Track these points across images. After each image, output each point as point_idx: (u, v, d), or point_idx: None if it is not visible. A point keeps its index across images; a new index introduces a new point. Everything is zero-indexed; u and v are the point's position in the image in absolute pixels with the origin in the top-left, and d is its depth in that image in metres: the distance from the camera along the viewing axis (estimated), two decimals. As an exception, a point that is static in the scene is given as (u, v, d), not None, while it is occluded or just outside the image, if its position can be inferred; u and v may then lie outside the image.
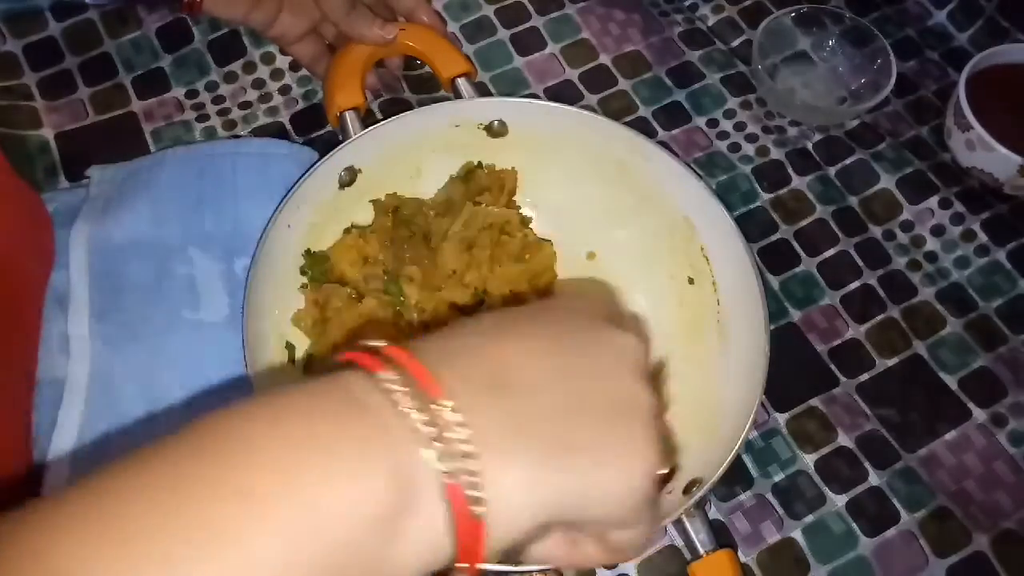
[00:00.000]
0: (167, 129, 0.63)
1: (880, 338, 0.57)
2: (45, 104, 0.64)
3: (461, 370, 0.29)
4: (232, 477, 0.25)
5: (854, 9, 0.69)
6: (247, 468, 0.25)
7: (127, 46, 0.66)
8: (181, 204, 0.56)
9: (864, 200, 0.62)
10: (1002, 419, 0.55)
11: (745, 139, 0.65)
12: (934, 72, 0.69)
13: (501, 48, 0.68)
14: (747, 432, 0.47)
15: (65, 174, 0.61)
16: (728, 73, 0.67)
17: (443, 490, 0.26)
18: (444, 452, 0.27)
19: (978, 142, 0.60)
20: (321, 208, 0.55)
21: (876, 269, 0.60)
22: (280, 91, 0.65)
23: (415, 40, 0.62)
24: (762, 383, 0.48)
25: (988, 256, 0.60)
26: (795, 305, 0.58)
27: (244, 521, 0.24)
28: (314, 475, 0.25)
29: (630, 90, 0.66)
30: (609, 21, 0.69)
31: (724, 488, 0.52)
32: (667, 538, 0.51)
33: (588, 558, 0.34)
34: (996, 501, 0.52)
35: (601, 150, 0.57)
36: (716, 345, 0.54)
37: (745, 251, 0.52)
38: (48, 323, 0.52)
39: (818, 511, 0.52)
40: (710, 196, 0.54)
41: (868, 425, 0.54)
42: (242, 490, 0.24)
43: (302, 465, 0.25)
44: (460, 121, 0.57)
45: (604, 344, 0.33)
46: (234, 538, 0.24)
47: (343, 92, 0.60)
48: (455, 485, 0.26)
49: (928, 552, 0.50)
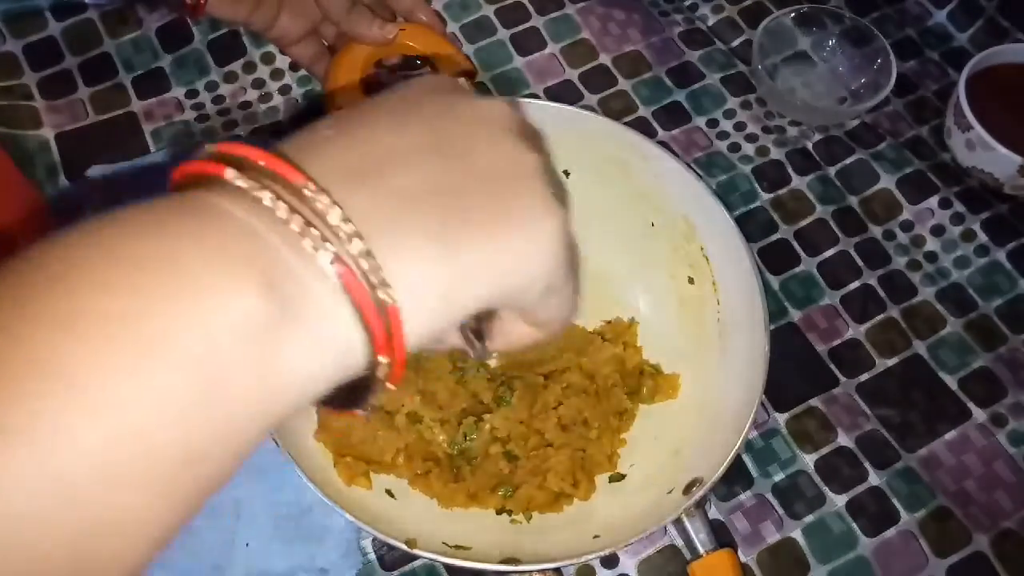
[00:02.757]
0: (167, 129, 0.63)
1: (880, 338, 0.57)
2: (45, 104, 0.64)
3: (326, 158, 0.25)
4: (67, 303, 0.21)
5: (854, 9, 0.69)
6: (88, 293, 0.21)
7: (127, 46, 0.66)
8: None
9: (864, 200, 0.63)
10: (1002, 419, 0.55)
11: (745, 139, 0.65)
12: (934, 72, 0.69)
13: (501, 48, 0.68)
14: (747, 432, 0.47)
15: (65, 174, 0.61)
16: (728, 73, 0.67)
17: (336, 281, 0.23)
18: (323, 237, 0.23)
19: (978, 142, 0.60)
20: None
21: (876, 269, 0.60)
22: (280, 91, 0.66)
23: (415, 40, 0.62)
24: (762, 383, 0.48)
25: (988, 256, 0.60)
26: (795, 305, 0.58)
27: (86, 355, 0.20)
28: (166, 293, 0.21)
29: (630, 90, 0.66)
30: (609, 21, 0.69)
31: (724, 488, 0.52)
32: (667, 538, 0.51)
33: (519, 337, 0.32)
34: (996, 501, 0.52)
35: (601, 150, 0.57)
36: (716, 345, 0.54)
37: (745, 251, 0.52)
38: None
39: (818, 511, 0.52)
40: (710, 196, 0.54)
41: (868, 425, 0.54)
42: (81, 316, 0.20)
43: (151, 284, 0.21)
44: (460, 121, 0.57)
45: (470, 110, 0.30)
46: (71, 376, 0.20)
47: (343, 92, 0.60)
48: (348, 271, 0.23)
49: (928, 552, 0.50)
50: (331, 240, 0.23)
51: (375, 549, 0.50)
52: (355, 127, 0.28)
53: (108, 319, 0.20)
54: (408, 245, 0.25)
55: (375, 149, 0.26)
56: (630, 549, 0.50)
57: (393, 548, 0.48)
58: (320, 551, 0.49)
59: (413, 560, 0.50)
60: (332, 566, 0.49)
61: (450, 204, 0.26)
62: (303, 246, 0.23)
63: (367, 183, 0.25)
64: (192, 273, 0.22)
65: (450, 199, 0.26)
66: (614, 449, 0.52)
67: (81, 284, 0.21)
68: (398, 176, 0.26)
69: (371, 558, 0.50)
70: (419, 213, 0.25)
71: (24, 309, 0.20)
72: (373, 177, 0.25)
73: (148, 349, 0.21)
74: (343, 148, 0.26)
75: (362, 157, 0.26)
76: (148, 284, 0.21)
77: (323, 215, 0.23)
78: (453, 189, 0.27)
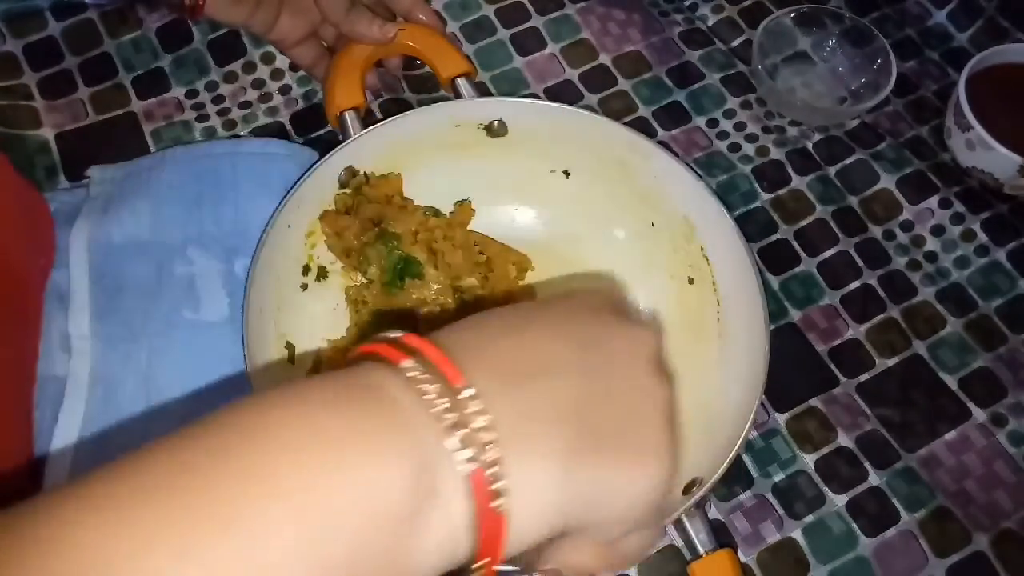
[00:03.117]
0: (167, 129, 0.63)
1: (880, 338, 0.57)
2: (45, 104, 0.64)
3: (481, 359, 0.28)
4: (249, 465, 0.24)
5: (854, 9, 0.69)
6: (264, 456, 0.24)
7: (127, 46, 0.66)
8: (181, 204, 0.56)
9: (864, 200, 0.62)
10: (1002, 419, 0.55)
11: (745, 139, 0.65)
12: (934, 72, 0.69)
13: (501, 48, 0.68)
14: (747, 432, 0.47)
15: (65, 174, 0.61)
16: (728, 73, 0.67)
17: (466, 480, 0.26)
18: (466, 440, 0.26)
19: (978, 142, 0.60)
20: (321, 208, 0.55)
21: (876, 269, 0.60)
22: (280, 91, 0.66)
23: (415, 40, 0.62)
24: (762, 383, 0.48)
25: (988, 256, 0.60)
26: (795, 305, 0.58)
27: (259, 510, 0.24)
28: (333, 464, 0.25)
29: (630, 90, 0.66)
30: (609, 21, 0.69)
31: (724, 488, 0.52)
32: (667, 538, 0.51)
33: (592, 561, 0.33)
34: (996, 501, 0.52)
35: (601, 150, 0.57)
36: (716, 345, 0.54)
37: (745, 251, 0.52)
38: (49, 321, 0.52)
39: (818, 511, 0.52)
40: (710, 196, 0.54)
41: (868, 425, 0.54)
42: (259, 478, 0.24)
43: (322, 454, 0.25)
44: (460, 121, 0.57)
45: (618, 337, 0.32)
46: (248, 527, 0.23)
47: (343, 92, 0.60)
48: (478, 474, 0.26)
49: (928, 552, 0.50)
50: (472, 445, 0.26)
51: None
52: (518, 330, 0.31)
53: (290, 484, 0.24)
54: (537, 460, 0.27)
55: (532, 356, 0.30)
56: (630, 549, 0.50)
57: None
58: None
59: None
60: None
61: (583, 428, 0.29)
62: (447, 444, 0.26)
63: (516, 392, 0.28)
64: (363, 450, 0.25)
65: (584, 422, 0.29)
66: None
67: (273, 453, 0.25)
68: (544, 390, 0.29)
69: (371, 558, 0.50)
70: (555, 430, 0.28)
71: (222, 462, 0.24)
72: (521, 386, 0.28)
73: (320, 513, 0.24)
74: (500, 348, 0.30)
75: (517, 362, 0.29)
76: (327, 453, 0.25)
77: (469, 415, 0.26)
78: (591, 406, 0.29)
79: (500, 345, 0.30)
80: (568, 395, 0.29)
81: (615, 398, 0.30)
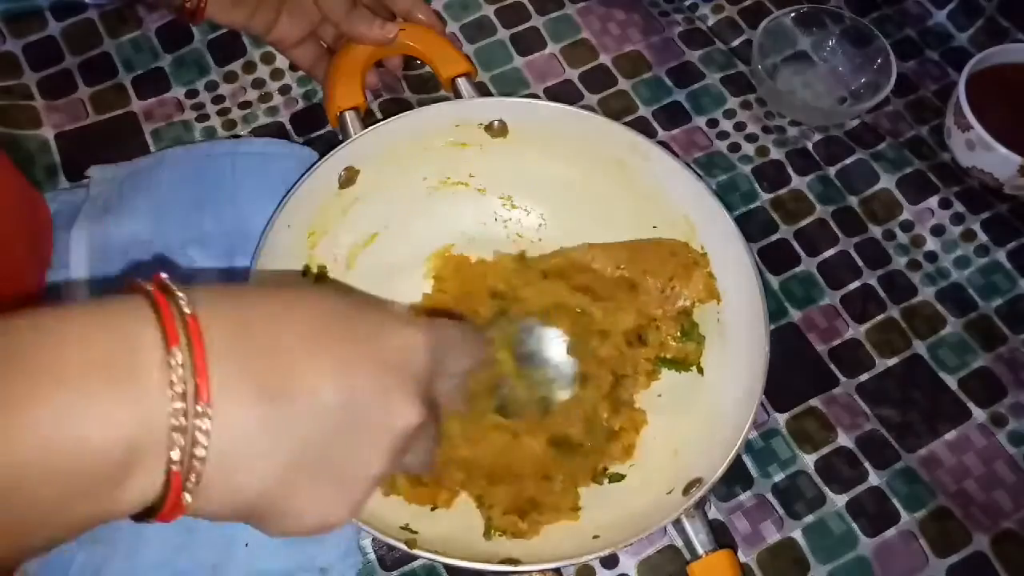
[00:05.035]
0: (167, 129, 0.63)
1: (880, 338, 0.57)
2: (45, 104, 0.64)
3: (240, 371, 0.29)
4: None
5: (854, 9, 0.69)
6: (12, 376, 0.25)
7: (127, 46, 0.66)
8: (181, 204, 0.56)
9: (864, 200, 0.62)
10: (1002, 419, 0.55)
11: (745, 139, 0.65)
12: (934, 72, 0.69)
13: (501, 48, 0.68)
14: (747, 432, 0.47)
15: (65, 174, 0.61)
16: (728, 73, 0.67)
17: (166, 479, 0.27)
18: (183, 451, 0.27)
19: (978, 142, 0.60)
20: (321, 208, 0.55)
21: (876, 269, 0.60)
22: (280, 91, 0.65)
23: (415, 40, 0.62)
24: (762, 383, 0.48)
25: (988, 256, 0.60)
26: (795, 305, 0.58)
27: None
28: (68, 402, 0.26)
29: (630, 90, 0.66)
30: (609, 21, 0.69)
31: (724, 488, 0.52)
32: (667, 538, 0.51)
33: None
34: (996, 501, 0.52)
35: (601, 150, 0.57)
36: (716, 345, 0.54)
37: (745, 251, 0.52)
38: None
39: (818, 511, 0.52)
40: (710, 196, 0.54)
41: (868, 425, 0.54)
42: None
43: (66, 388, 0.26)
44: (460, 121, 0.57)
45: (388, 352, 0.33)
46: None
47: (343, 92, 0.60)
48: (176, 478, 0.27)
49: (928, 552, 0.50)
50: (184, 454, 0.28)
51: (375, 549, 0.50)
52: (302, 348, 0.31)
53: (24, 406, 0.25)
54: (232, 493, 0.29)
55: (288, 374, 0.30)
56: (630, 549, 0.50)
57: (393, 548, 0.48)
58: (320, 551, 0.48)
59: (413, 560, 0.50)
60: (332, 566, 0.48)
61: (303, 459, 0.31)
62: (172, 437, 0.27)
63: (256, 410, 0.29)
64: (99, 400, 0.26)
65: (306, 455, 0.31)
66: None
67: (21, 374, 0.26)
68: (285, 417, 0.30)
69: (371, 558, 0.50)
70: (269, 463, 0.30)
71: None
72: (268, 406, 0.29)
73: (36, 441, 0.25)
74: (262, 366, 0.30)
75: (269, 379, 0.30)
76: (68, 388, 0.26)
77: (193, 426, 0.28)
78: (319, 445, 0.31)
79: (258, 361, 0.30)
80: (309, 428, 0.30)
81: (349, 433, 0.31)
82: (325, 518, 0.32)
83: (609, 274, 0.56)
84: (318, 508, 0.32)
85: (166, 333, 0.28)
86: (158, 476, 0.27)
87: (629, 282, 0.55)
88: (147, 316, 0.28)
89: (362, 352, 0.32)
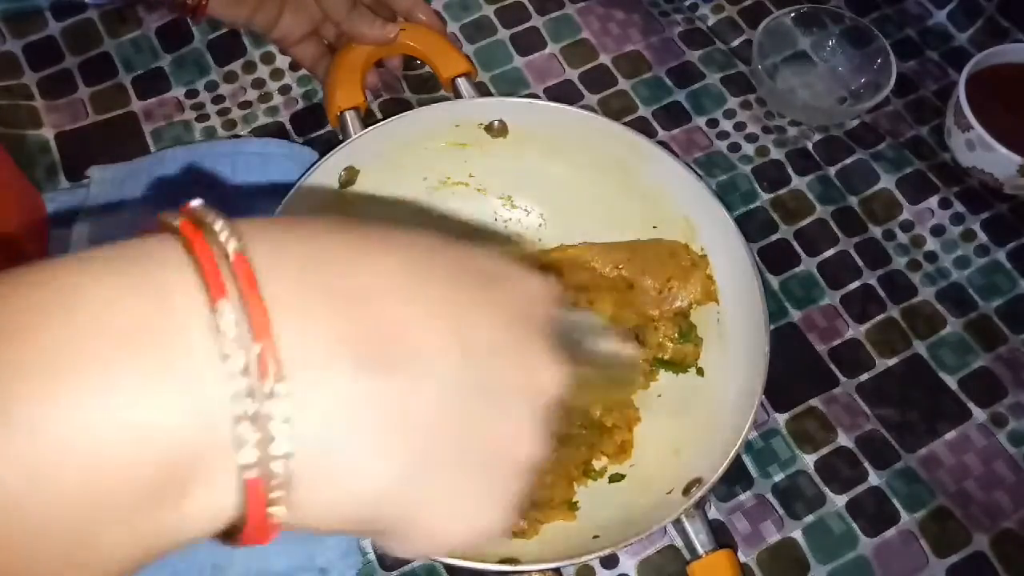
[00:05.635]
0: (167, 129, 0.63)
1: (880, 338, 0.57)
2: (45, 104, 0.64)
3: (323, 330, 0.21)
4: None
5: (854, 9, 0.69)
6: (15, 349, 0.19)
7: (127, 46, 0.66)
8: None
9: (864, 200, 0.62)
10: (1002, 419, 0.55)
11: (745, 139, 0.65)
12: (934, 72, 0.69)
13: (501, 48, 0.68)
14: (747, 432, 0.47)
15: (65, 174, 0.61)
16: (728, 73, 0.67)
17: (242, 485, 0.21)
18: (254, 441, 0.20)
19: (978, 142, 0.60)
20: (321, 208, 0.55)
21: (876, 269, 0.60)
22: (280, 91, 0.65)
23: (415, 40, 0.62)
24: (762, 383, 0.48)
25: (988, 256, 0.60)
26: (795, 305, 0.58)
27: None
28: (83, 394, 0.19)
29: (630, 90, 0.66)
30: (609, 21, 0.69)
31: (724, 488, 0.52)
32: (667, 538, 0.51)
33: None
34: (996, 501, 0.52)
35: (601, 150, 0.57)
36: (716, 345, 0.54)
37: (745, 251, 0.52)
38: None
39: (818, 511, 0.52)
40: (710, 196, 0.54)
41: (868, 425, 0.54)
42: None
43: (79, 374, 0.19)
44: (460, 121, 0.57)
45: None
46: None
47: (343, 92, 0.60)
48: (256, 483, 0.20)
49: (928, 552, 0.50)
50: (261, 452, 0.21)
51: (375, 549, 0.50)
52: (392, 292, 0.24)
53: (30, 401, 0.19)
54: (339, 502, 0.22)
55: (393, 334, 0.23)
56: (630, 549, 0.50)
57: (393, 548, 0.47)
58: (320, 551, 0.48)
59: (413, 560, 0.50)
60: (332, 566, 0.48)
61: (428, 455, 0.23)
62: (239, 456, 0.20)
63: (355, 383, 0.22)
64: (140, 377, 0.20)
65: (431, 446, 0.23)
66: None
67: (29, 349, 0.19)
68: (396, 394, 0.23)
69: (371, 558, 0.50)
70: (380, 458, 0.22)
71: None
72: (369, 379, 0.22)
73: (58, 447, 0.19)
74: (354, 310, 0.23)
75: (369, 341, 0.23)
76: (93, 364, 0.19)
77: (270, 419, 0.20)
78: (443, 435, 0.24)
79: (355, 304, 0.22)
80: (431, 403, 0.22)
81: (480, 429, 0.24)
82: (472, 522, 0.24)
83: (607, 274, 0.56)
84: (460, 510, 0.24)
85: (206, 284, 0.20)
86: (228, 487, 0.20)
87: (627, 282, 0.55)
88: (180, 261, 0.21)
89: (481, 299, 0.24)
